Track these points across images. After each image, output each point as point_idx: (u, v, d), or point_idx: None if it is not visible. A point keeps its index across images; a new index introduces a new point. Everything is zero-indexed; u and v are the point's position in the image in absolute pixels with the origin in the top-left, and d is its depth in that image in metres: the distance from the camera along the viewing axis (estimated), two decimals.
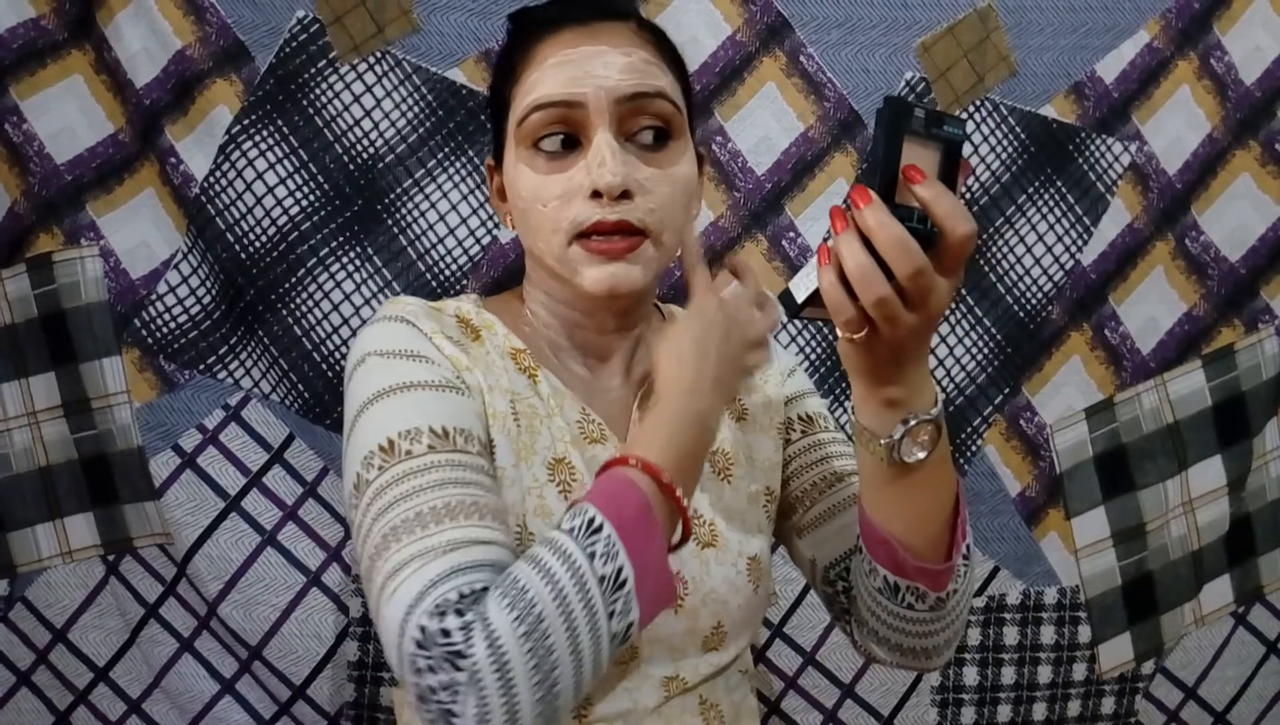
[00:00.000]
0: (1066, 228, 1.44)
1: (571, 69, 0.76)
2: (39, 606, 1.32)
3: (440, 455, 0.70)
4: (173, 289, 1.30)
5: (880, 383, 0.69)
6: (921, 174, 0.62)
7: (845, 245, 0.62)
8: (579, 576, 0.63)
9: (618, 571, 0.64)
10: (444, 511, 0.67)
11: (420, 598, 0.63)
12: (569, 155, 0.77)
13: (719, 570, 0.81)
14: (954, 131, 0.64)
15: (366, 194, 1.31)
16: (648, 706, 0.78)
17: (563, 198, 0.76)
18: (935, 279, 0.63)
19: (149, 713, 1.34)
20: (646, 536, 0.66)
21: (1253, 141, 1.49)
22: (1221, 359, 1.50)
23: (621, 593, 0.64)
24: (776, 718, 1.42)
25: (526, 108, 0.77)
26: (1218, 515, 1.50)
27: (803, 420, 0.92)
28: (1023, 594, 1.46)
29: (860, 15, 1.38)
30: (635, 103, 0.77)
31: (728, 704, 0.83)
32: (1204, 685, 1.55)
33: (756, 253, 1.38)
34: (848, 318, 0.64)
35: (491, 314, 0.84)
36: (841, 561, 0.87)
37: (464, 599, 0.62)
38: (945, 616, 0.80)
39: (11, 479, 1.29)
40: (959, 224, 0.62)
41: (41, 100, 1.26)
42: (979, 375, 1.44)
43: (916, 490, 0.74)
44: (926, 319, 0.65)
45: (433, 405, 0.73)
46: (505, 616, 0.61)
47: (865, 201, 0.61)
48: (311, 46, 1.29)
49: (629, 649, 0.77)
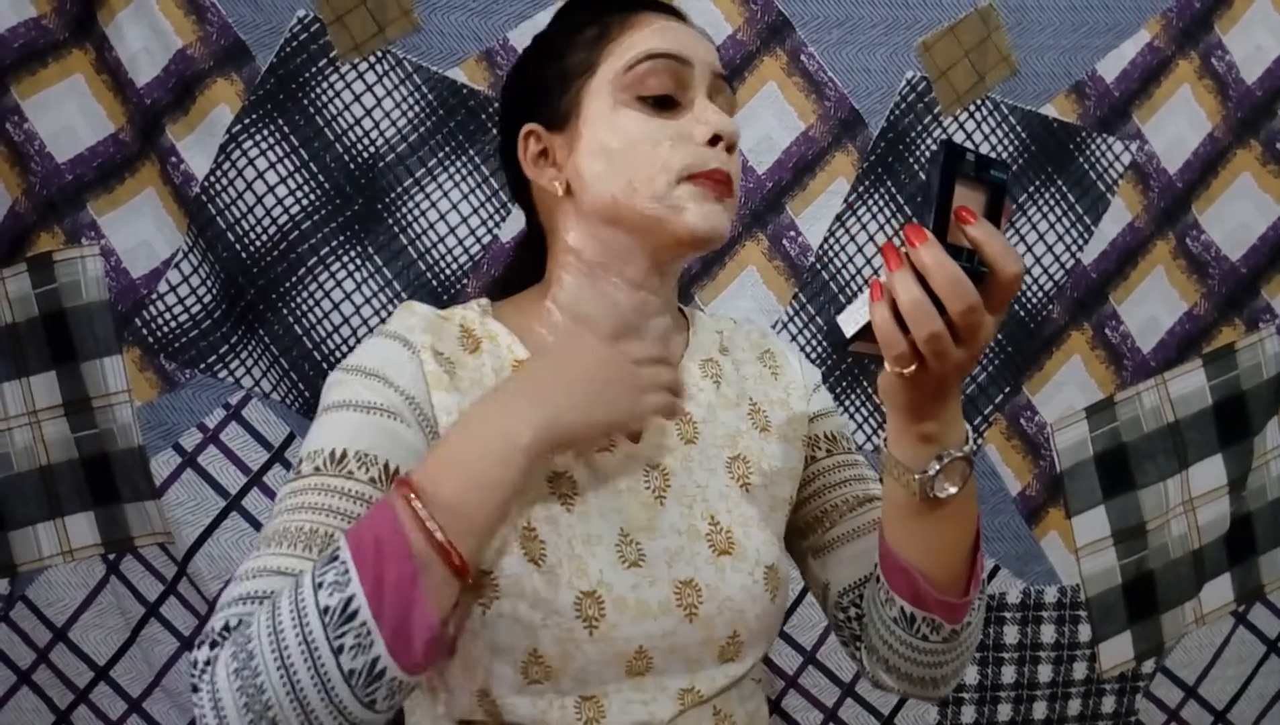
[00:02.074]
0: (1067, 227, 1.44)
1: (680, 35, 0.81)
2: (40, 605, 1.32)
3: (320, 478, 0.71)
4: (173, 288, 1.30)
5: (919, 418, 0.71)
6: (974, 215, 0.65)
7: (900, 281, 0.64)
8: (299, 611, 0.61)
9: (346, 602, 0.60)
10: (277, 536, 0.69)
11: (214, 615, 0.67)
12: (670, 110, 0.79)
13: (735, 578, 0.80)
14: (999, 176, 0.67)
15: (367, 193, 1.31)
16: (663, 720, 0.76)
17: (675, 140, 0.78)
18: (985, 316, 0.65)
19: (149, 712, 1.34)
20: (386, 562, 0.61)
21: (1253, 141, 1.49)
22: (1222, 358, 1.50)
23: (351, 625, 0.60)
24: (777, 717, 1.42)
25: (638, 56, 0.79)
26: (1218, 514, 1.50)
27: (828, 439, 0.91)
28: (1023, 593, 1.46)
29: (861, 14, 1.38)
30: (719, 82, 0.82)
31: (741, 714, 0.82)
32: (1204, 684, 1.55)
33: (757, 252, 1.38)
34: (899, 353, 0.65)
35: (499, 322, 0.83)
36: (857, 587, 0.86)
37: (222, 632, 0.65)
38: (957, 648, 0.80)
39: (12, 478, 1.29)
40: (1009, 263, 0.64)
41: (42, 100, 1.26)
42: (979, 374, 1.44)
43: (943, 524, 0.75)
44: (973, 355, 0.67)
45: (351, 428, 0.74)
46: (227, 654, 0.62)
47: (921, 240, 0.63)
48: (312, 46, 1.29)
49: (643, 661, 0.76)
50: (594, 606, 0.74)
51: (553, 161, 0.82)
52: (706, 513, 0.81)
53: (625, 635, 0.75)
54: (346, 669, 0.60)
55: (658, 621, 0.76)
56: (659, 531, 0.79)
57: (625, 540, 0.78)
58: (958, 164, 0.65)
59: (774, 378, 0.91)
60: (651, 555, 0.78)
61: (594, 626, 0.74)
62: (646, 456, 0.81)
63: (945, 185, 0.65)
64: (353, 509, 0.70)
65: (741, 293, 1.38)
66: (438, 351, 0.78)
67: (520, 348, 0.81)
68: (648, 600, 0.76)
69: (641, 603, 0.76)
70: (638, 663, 0.76)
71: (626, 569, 0.76)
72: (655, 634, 0.76)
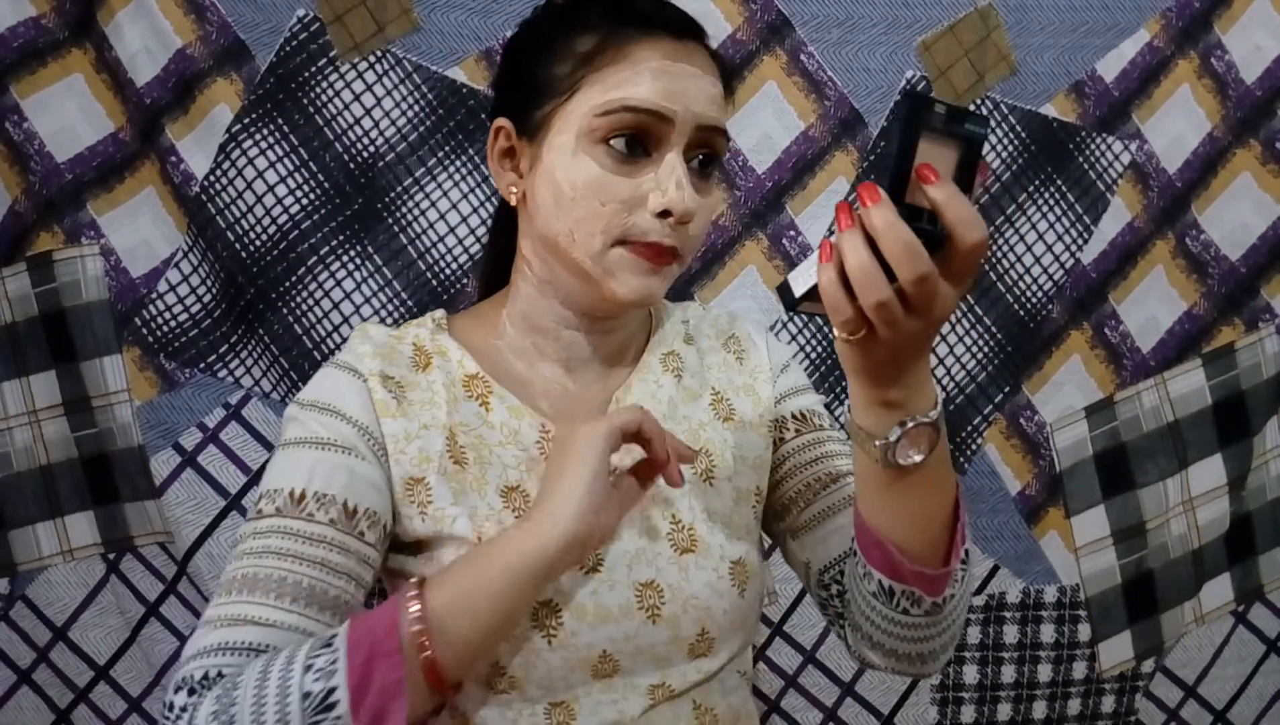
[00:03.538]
0: (1067, 226, 1.44)
1: (670, 81, 0.74)
2: (40, 605, 1.32)
3: (282, 520, 0.72)
4: (173, 287, 1.30)
5: (878, 384, 0.66)
6: (936, 174, 0.59)
7: (848, 243, 0.59)
8: (283, 687, 0.63)
9: (328, 692, 0.62)
10: (247, 582, 0.70)
11: (185, 662, 0.68)
12: (636, 161, 0.75)
13: (699, 575, 0.79)
14: (975, 130, 0.60)
15: (367, 192, 1.31)
16: (633, 715, 0.76)
17: (626, 203, 0.75)
18: (940, 285, 0.60)
19: (149, 711, 1.34)
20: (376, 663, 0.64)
21: (1253, 140, 1.49)
22: (1222, 358, 1.50)
23: (328, 716, 0.62)
24: (777, 716, 1.42)
25: (616, 104, 0.74)
26: (1218, 514, 1.50)
27: (797, 418, 0.89)
28: (1023, 592, 1.46)
29: (861, 14, 1.38)
30: (706, 133, 0.76)
31: (724, 707, 0.81)
32: (1204, 684, 1.55)
33: (757, 251, 1.38)
34: (845, 318, 0.61)
35: (450, 337, 0.83)
36: (836, 564, 0.85)
37: (202, 682, 0.66)
38: (941, 622, 0.78)
39: (12, 477, 1.29)
40: (970, 231, 0.59)
41: (42, 99, 1.26)
42: (979, 374, 1.44)
43: (914, 493, 0.71)
44: (928, 324, 0.62)
45: (307, 466, 0.75)
46: (208, 709, 0.64)
47: (873, 199, 0.58)
48: (312, 45, 1.29)
49: (608, 664, 0.76)
50: (551, 616, 0.75)
51: (515, 166, 0.81)
52: (667, 512, 0.81)
53: (586, 642, 0.75)
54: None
55: (619, 625, 0.76)
56: (617, 535, 0.78)
57: None
58: (923, 116, 0.59)
59: (739, 363, 0.90)
60: (610, 559, 0.78)
61: (552, 635, 0.74)
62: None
63: (906, 139, 0.58)
64: (314, 553, 0.72)
65: (741, 292, 1.38)
66: (386, 376, 0.79)
67: (471, 362, 0.81)
68: (607, 604, 0.76)
69: (601, 607, 0.76)
70: (603, 666, 0.76)
71: (584, 575, 0.76)
72: (618, 637, 0.76)
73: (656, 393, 0.85)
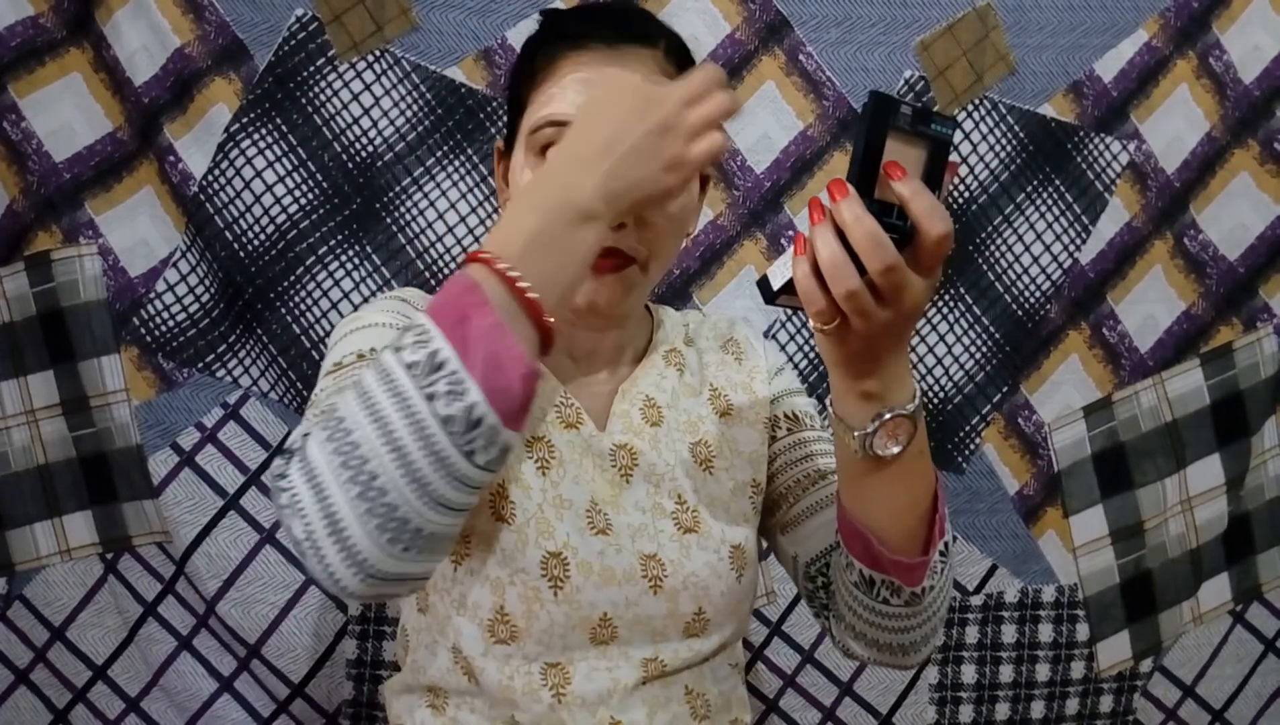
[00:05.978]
0: (1065, 226, 1.44)
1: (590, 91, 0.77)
2: (37, 605, 1.32)
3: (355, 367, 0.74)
4: (171, 287, 1.30)
5: (856, 375, 0.70)
6: (901, 170, 0.63)
7: (819, 236, 0.63)
8: (384, 371, 0.60)
9: (432, 355, 0.59)
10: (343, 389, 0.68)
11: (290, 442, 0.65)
12: None
13: (700, 555, 0.82)
14: (942, 130, 0.65)
15: (365, 192, 1.31)
16: (627, 685, 0.79)
17: None
18: (909, 276, 0.63)
19: (147, 711, 1.34)
20: (465, 311, 0.60)
21: (1251, 140, 1.49)
22: (1220, 358, 1.50)
23: (441, 374, 0.59)
24: (775, 716, 1.42)
25: (541, 120, 0.79)
26: (1216, 514, 1.50)
27: (788, 418, 0.93)
28: (1021, 592, 1.46)
29: (859, 14, 1.38)
30: None
31: (715, 694, 0.84)
32: (1202, 683, 1.55)
33: (755, 251, 1.38)
34: (819, 309, 0.65)
35: None
36: (822, 557, 0.88)
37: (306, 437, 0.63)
38: (921, 613, 0.80)
39: (10, 477, 1.29)
40: (935, 224, 0.62)
41: (40, 98, 1.25)
42: (977, 374, 1.44)
43: (892, 483, 0.74)
44: (900, 315, 0.65)
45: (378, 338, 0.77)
46: (317, 432, 0.61)
47: (842, 194, 0.62)
48: (310, 45, 1.29)
49: (607, 629, 0.78)
50: (559, 567, 0.77)
51: (505, 179, 0.86)
52: (674, 492, 0.84)
53: (589, 599, 0.78)
54: (442, 415, 0.58)
55: (621, 588, 0.79)
56: (623, 508, 0.82)
57: (595, 509, 0.81)
58: (889, 116, 0.63)
59: (737, 363, 0.94)
60: (618, 527, 0.81)
61: (559, 587, 0.77)
62: (614, 436, 0.84)
63: (873, 138, 0.63)
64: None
65: (740, 292, 1.38)
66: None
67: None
68: (613, 567, 0.79)
69: (607, 568, 0.79)
70: (602, 630, 0.79)
71: (594, 535, 0.79)
72: (619, 601, 0.79)
73: (660, 383, 0.88)
